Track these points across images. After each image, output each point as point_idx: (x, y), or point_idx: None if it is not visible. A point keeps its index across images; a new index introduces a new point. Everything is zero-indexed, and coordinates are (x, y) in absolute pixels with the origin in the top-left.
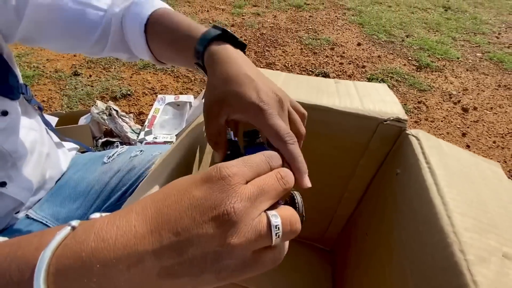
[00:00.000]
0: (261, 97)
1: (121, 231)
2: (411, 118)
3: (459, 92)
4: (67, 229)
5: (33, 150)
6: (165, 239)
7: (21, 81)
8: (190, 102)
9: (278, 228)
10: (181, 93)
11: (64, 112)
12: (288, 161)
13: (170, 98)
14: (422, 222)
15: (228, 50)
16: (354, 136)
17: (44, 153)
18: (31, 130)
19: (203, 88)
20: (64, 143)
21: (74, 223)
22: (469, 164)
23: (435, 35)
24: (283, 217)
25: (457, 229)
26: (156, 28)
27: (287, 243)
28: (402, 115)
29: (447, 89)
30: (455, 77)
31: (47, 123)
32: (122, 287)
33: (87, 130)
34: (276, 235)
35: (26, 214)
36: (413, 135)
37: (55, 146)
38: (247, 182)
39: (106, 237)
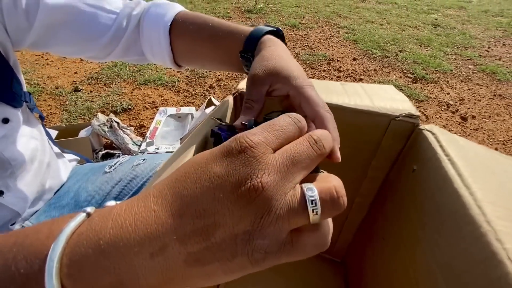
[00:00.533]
0: (304, 77)
1: (141, 217)
2: None
3: (456, 102)
4: (82, 215)
5: (33, 158)
6: (188, 223)
7: (25, 89)
8: (191, 114)
9: (315, 203)
10: (182, 107)
11: (64, 125)
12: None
13: (171, 110)
14: (449, 215)
15: (280, 41)
16: (365, 134)
17: (44, 162)
18: (32, 139)
19: (204, 101)
20: (64, 154)
21: (89, 209)
22: (488, 157)
23: (427, 50)
24: (322, 190)
25: (489, 217)
26: (188, 27)
27: (330, 223)
28: (414, 111)
29: (444, 99)
30: (451, 88)
31: (47, 134)
32: (146, 279)
33: (87, 142)
34: (313, 212)
35: (22, 226)
36: (427, 130)
37: (56, 156)
38: (274, 151)
39: (125, 223)
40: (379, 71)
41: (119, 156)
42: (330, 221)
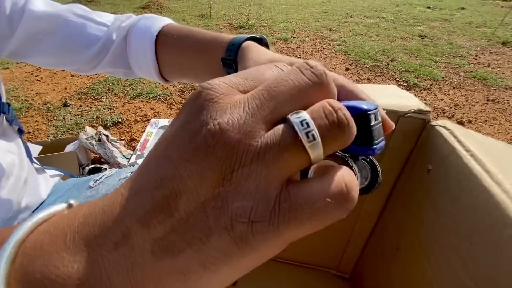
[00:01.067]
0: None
1: (109, 201)
2: None
3: (451, 108)
4: (62, 206)
5: (9, 174)
6: (147, 197)
7: (4, 99)
8: None
9: (307, 123)
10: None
11: (49, 140)
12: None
13: (163, 121)
14: (481, 219)
15: (263, 47)
16: None
17: (22, 178)
18: (9, 153)
19: None
20: (46, 169)
21: (73, 201)
22: (510, 151)
23: (417, 59)
24: (313, 109)
25: None
26: (172, 37)
27: (345, 171)
28: (423, 106)
29: (439, 105)
30: (444, 94)
31: (27, 148)
32: (110, 278)
33: (73, 157)
34: (308, 137)
35: None
36: (441, 126)
37: (36, 172)
38: (244, 91)
39: (95, 210)
40: (372, 80)
41: (105, 170)
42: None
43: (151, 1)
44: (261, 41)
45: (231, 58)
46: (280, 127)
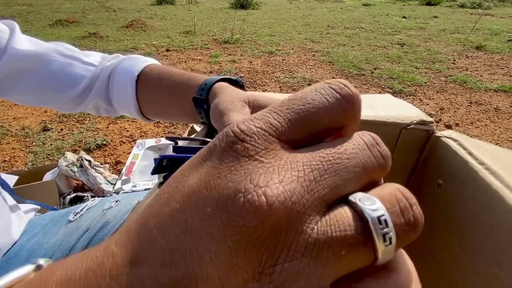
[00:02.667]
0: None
1: (95, 264)
2: None
3: (437, 112)
4: (28, 269)
5: None
6: (147, 276)
7: None
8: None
9: (385, 222)
10: (162, 137)
11: (26, 169)
12: None
13: (150, 142)
14: (508, 239)
15: (238, 89)
16: None
17: None
18: None
19: (185, 130)
20: (20, 205)
21: (42, 261)
22: None
23: (399, 66)
24: (384, 198)
25: None
26: (152, 77)
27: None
28: (425, 117)
29: (425, 109)
30: (429, 99)
31: (2, 183)
32: None
33: (53, 186)
34: (385, 240)
35: None
36: (447, 137)
37: (9, 210)
38: (291, 144)
39: (74, 275)
40: (359, 88)
41: (87, 200)
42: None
43: (135, 20)
44: (237, 83)
45: (202, 98)
46: (344, 213)
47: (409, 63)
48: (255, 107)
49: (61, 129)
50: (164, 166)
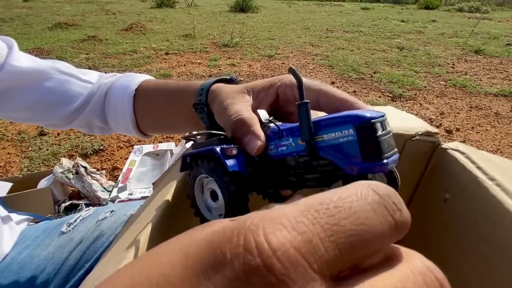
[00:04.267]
0: None
1: None
2: None
3: (438, 116)
4: None
5: None
6: None
7: None
8: (171, 150)
9: None
10: (160, 143)
11: (21, 175)
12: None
13: (148, 148)
14: None
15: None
16: None
17: None
18: None
19: (183, 134)
20: (12, 215)
21: None
22: None
23: (398, 70)
24: None
25: None
26: (149, 91)
27: None
28: (430, 128)
29: (425, 114)
30: (429, 103)
31: None
32: None
33: (48, 194)
34: None
35: None
36: (453, 149)
37: (0, 221)
38: (330, 277)
39: None
40: (359, 92)
41: (82, 209)
42: None
43: (134, 23)
44: (232, 82)
45: (202, 102)
46: None
47: (408, 67)
48: (254, 93)
49: (58, 134)
50: (188, 163)
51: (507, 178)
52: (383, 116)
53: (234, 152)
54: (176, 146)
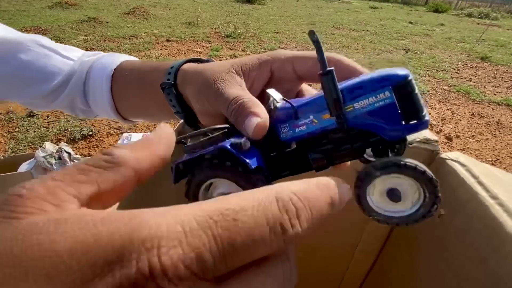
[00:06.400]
0: None
1: None
2: None
3: (438, 122)
4: None
5: None
6: None
7: None
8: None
9: None
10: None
11: (2, 157)
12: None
13: (137, 136)
14: None
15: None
16: None
17: None
18: None
19: (175, 125)
20: None
21: None
22: None
23: None
24: None
25: None
26: (125, 72)
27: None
28: (430, 135)
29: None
30: (431, 108)
31: None
32: None
33: (28, 179)
34: None
35: None
36: (453, 160)
37: None
38: (213, 279)
39: None
40: None
41: None
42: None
43: (137, 7)
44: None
45: (169, 82)
46: None
47: (412, 69)
48: (244, 72)
49: (47, 116)
50: (182, 171)
51: (509, 195)
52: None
53: (248, 145)
54: None
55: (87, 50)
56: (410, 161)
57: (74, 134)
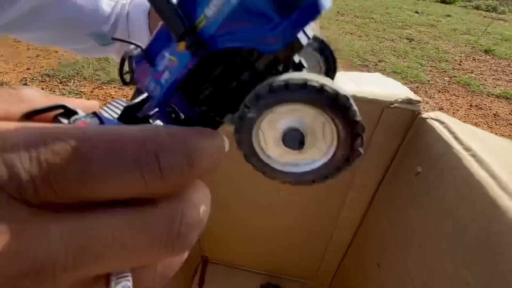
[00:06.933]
0: None
1: None
2: None
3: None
4: None
5: None
6: None
7: None
8: None
9: None
10: None
11: None
12: None
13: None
14: (484, 239)
15: None
16: None
17: None
18: None
19: None
20: None
21: None
22: None
23: (404, 61)
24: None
25: None
26: None
27: None
28: (412, 95)
29: (424, 108)
30: (430, 98)
31: None
32: None
33: None
34: None
35: None
36: (433, 119)
37: None
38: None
39: None
40: None
41: None
42: None
43: None
44: None
45: None
46: None
47: (415, 59)
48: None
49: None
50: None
51: (485, 148)
52: None
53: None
54: None
55: None
56: (295, 76)
57: None
